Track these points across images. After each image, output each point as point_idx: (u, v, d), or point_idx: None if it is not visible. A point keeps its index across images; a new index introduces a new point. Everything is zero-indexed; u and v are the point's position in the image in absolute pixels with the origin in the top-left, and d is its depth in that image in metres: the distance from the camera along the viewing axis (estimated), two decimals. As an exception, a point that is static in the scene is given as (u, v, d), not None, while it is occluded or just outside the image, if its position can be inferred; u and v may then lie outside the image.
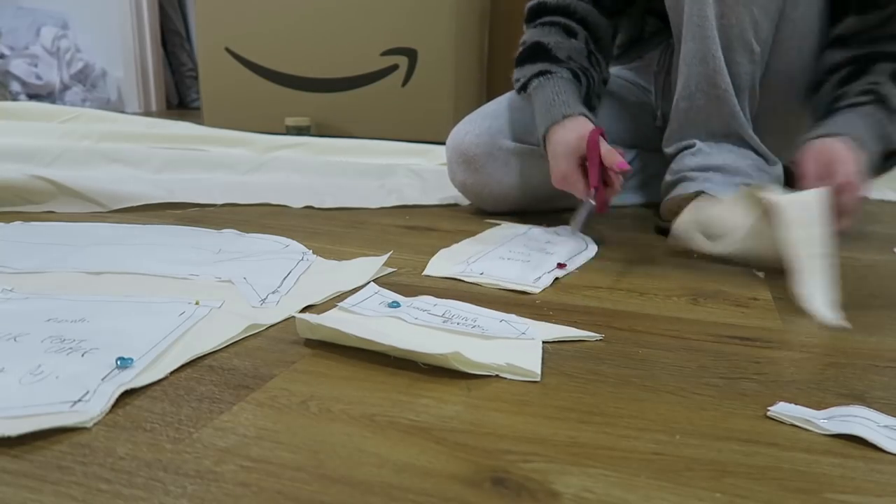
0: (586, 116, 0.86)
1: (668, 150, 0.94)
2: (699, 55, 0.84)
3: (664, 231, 0.85)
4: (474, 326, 0.54)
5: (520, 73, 0.95)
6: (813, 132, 0.80)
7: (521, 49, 0.97)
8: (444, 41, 1.96)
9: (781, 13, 0.83)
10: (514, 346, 0.51)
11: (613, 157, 0.81)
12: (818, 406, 0.43)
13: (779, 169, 0.89)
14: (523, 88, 0.93)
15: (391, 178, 1.24)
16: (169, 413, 0.40)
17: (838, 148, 0.75)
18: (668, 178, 0.92)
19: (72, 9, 3.09)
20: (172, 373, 0.45)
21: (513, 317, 0.57)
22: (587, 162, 0.82)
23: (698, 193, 0.84)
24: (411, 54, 2.00)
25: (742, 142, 0.88)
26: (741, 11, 0.81)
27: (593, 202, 0.81)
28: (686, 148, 0.91)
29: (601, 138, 0.81)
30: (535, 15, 0.98)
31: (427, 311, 0.57)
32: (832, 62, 0.85)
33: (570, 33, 0.95)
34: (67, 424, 0.37)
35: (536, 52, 0.94)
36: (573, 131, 0.84)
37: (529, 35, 0.97)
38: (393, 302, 0.59)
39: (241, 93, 2.18)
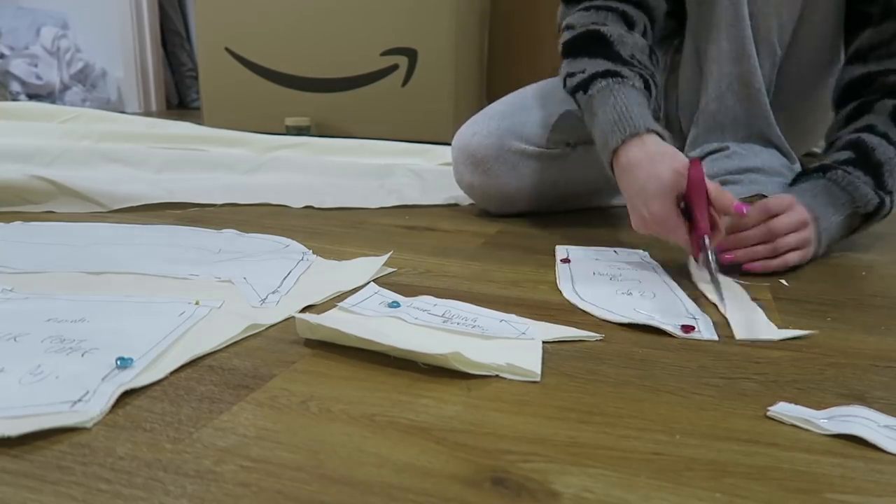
0: (662, 136, 0.73)
1: (693, 154, 0.94)
2: (733, 55, 0.84)
3: None
4: (474, 326, 0.54)
5: (573, 66, 0.80)
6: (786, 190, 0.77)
7: (569, 35, 0.83)
8: (444, 41, 1.96)
9: (801, 16, 0.84)
10: (514, 346, 0.51)
11: (726, 197, 0.66)
12: (818, 406, 0.43)
13: (798, 167, 0.90)
14: (582, 88, 0.78)
15: (391, 178, 1.24)
16: (169, 413, 0.40)
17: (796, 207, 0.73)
18: None
19: (72, 9, 3.09)
20: (172, 373, 0.45)
21: (513, 317, 0.57)
22: (689, 202, 0.67)
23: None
24: (411, 54, 2.00)
25: (768, 142, 0.89)
26: (770, 14, 0.82)
27: (713, 255, 0.65)
28: (716, 151, 0.91)
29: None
30: None
31: (427, 311, 0.57)
32: (849, 77, 0.83)
33: (629, 23, 0.83)
34: (67, 424, 0.37)
35: (594, 43, 0.80)
36: (664, 163, 0.68)
37: (578, 18, 0.83)
38: (393, 302, 0.59)
39: (241, 93, 2.18)
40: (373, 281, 0.66)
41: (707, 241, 0.65)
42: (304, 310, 0.58)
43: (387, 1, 1.98)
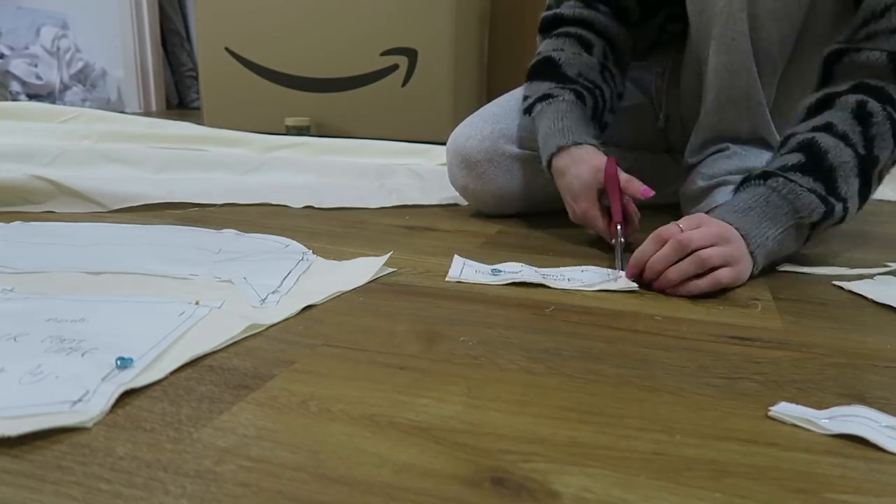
0: (591, 144, 0.83)
1: (693, 160, 0.94)
2: (732, 68, 0.83)
3: None
4: (570, 279, 0.69)
5: (528, 90, 0.94)
6: (717, 212, 0.71)
7: (533, 61, 0.96)
8: (444, 41, 1.96)
9: (803, 25, 0.83)
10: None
11: (635, 185, 0.78)
12: (818, 406, 0.43)
13: None
14: (528, 111, 0.91)
15: (391, 178, 1.24)
16: (169, 413, 0.40)
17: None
18: (701, 182, 0.92)
19: (72, 9, 3.10)
20: (172, 373, 0.45)
21: (591, 267, 0.73)
22: (607, 195, 0.79)
23: None
24: (411, 54, 2.00)
25: (768, 145, 0.89)
26: (770, 27, 0.81)
27: (623, 239, 0.75)
28: (717, 151, 0.91)
29: (618, 168, 0.79)
30: (551, 25, 0.98)
31: (535, 272, 0.70)
32: (826, 53, 0.77)
33: (586, 45, 0.93)
34: (67, 424, 0.37)
35: (545, 68, 0.92)
36: (585, 163, 0.81)
37: (545, 46, 0.96)
38: (495, 269, 0.70)
39: (241, 93, 2.19)
40: (372, 281, 0.66)
41: (619, 227, 0.77)
42: (304, 310, 0.58)
43: (387, 1, 1.98)
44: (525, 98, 0.94)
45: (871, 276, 0.73)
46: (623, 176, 0.79)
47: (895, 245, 0.92)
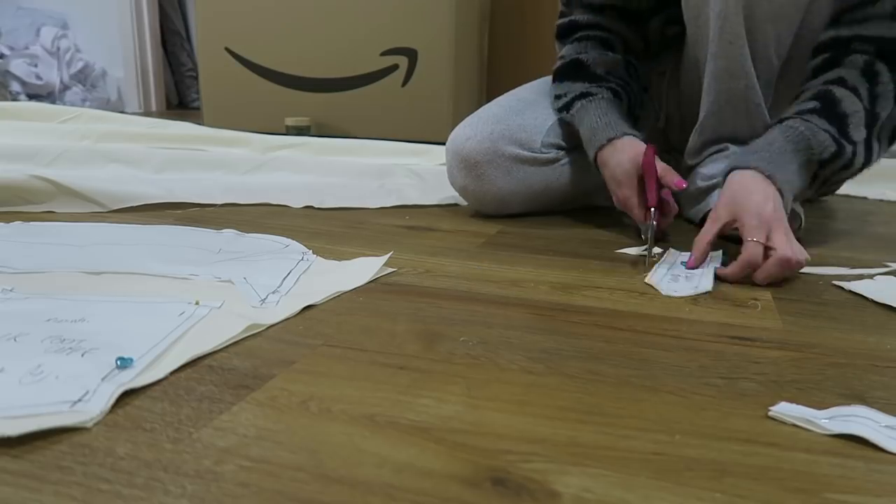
0: (634, 136, 0.88)
1: (692, 161, 0.94)
2: (730, 72, 0.84)
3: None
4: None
5: (560, 90, 0.98)
6: (737, 158, 0.78)
7: (559, 64, 1.00)
8: (444, 41, 1.96)
9: (801, 25, 0.83)
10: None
11: (671, 175, 0.83)
12: (819, 406, 0.43)
13: None
14: (566, 109, 0.95)
15: (391, 178, 1.24)
16: (169, 413, 0.40)
17: (748, 195, 0.72)
18: (700, 183, 0.92)
19: (72, 9, 3.10)
20: (172, 373, 0.45)
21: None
22: (645, 181, 0.84)
23: None
24: (411, 54, 2.00)
25: None
26: (768, 29, 0.81)
27: (654, 223, 0.81)
28: (717, 151, 0.91)
29: (656, 157, 0.84)
30: (568, 32, 1.02)
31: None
32: (818, 42, 0.82)
33: (607, 44, 0.99)
34: (67, 424, 0.37)
35: (575, 69, 0.97)
36: (625, 153, 0.86)
37: (567, 50, 1.01)
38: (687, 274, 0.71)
39: (241, 93, 2.18)
40: (373, 280, 0.66)
41: (653, 211, 0.82)
42: (304, 310, 0.58)
43: (387, 1, 1.98)
44: (558, 97, 0.98)
45: (871, 276, 0.73)
46: (661, 166, 0.83)
47: (895, 245, 0.92)
